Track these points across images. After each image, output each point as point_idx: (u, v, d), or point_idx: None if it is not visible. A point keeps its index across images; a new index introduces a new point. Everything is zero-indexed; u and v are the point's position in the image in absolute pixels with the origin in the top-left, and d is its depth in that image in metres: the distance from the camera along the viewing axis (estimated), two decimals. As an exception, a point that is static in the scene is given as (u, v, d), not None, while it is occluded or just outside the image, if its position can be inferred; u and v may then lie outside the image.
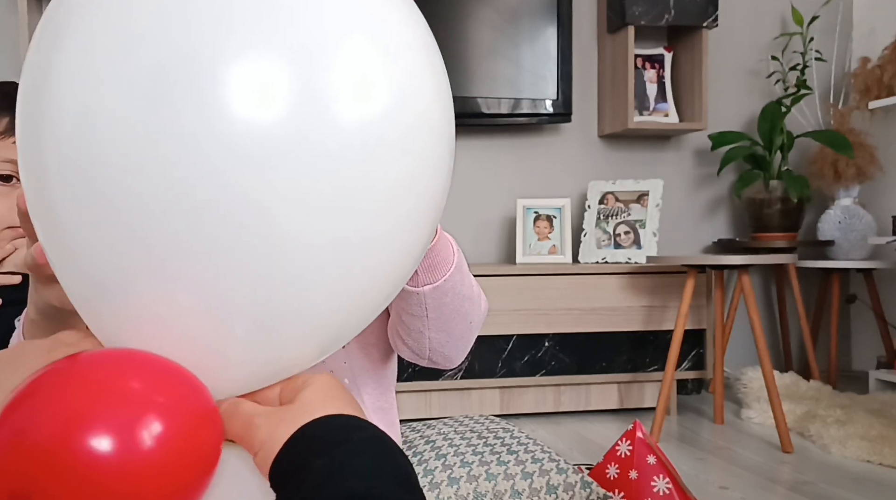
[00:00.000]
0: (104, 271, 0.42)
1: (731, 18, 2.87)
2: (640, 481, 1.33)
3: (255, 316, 0.43)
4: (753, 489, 1.68)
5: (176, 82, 0.39)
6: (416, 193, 0.47)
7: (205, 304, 0.42)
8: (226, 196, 0.40)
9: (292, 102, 0.40)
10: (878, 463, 1.85)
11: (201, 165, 0.39)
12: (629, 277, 2.37)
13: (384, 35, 0.45)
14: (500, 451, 1.28)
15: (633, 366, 2.38)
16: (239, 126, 0.39)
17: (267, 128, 0.40)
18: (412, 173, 0.46)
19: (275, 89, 0.40)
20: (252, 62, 0.40)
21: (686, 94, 2.74)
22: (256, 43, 0.40)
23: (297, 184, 0.40)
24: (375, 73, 0.43)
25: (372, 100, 0.43)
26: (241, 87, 0.39)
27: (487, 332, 2.27)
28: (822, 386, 2.51)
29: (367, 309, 0.49)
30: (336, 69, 0.42)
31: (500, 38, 2.59)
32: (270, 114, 0.40)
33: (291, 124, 0.40)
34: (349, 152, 0.42)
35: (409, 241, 0.48)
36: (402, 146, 0.44)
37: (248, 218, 0.40)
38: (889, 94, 2.67)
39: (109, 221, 0.41)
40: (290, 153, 0.40)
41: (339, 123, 0.41)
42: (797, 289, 2.66)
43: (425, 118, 0.46)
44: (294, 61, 0.41)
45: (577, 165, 2.82)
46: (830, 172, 2.74)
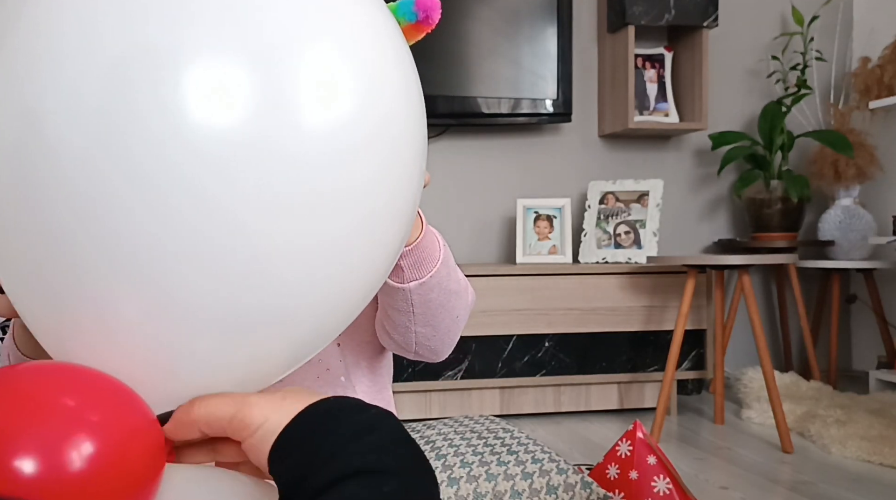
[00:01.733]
0: (54, 281, 0.40)
1: (731, 18, 2.87)
2: (641, 481, 1.33)
3: (220, 323, 0.41)
4: (754, 490, 1.68)
5: (134, 80, 0.37)
6: (386, 195, 0.46)
7: (165, 311, 0.40)
8: (186, 199, 0.38)
9: (254, 104, 0.39)
10: (879, 463, 1.85)
11: (160, 166, 0.38)
12: (629, 277, 2.37)
13: (348, 36, 0.44)
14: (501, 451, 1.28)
15: (634, 366, 2.38)
16: (199, 128, 0.38)
17: (228, 130, 0.38)
18: (380, 175, 0.45)
19: (236, 91, 0.39)
20: (213, 62, 0.39)
21: (686, 93, 2.74)
22: (217, 43, 0.39)
23: (261, 187, 0.39)
24: (339, 75, 0.42)
25: (336, 102, 0.42)
26: (202, 87, 0.38)
27: (487, 332, 2.27)
28: (823, 386, 2.51)
29: (341, 313, 0.48)
30: (299, 71, 0.41)
31: (500, 38, 2.59)
32: (232, 116, 0.38)
33: (254, 127, 0.39)
34: (313, 155, 0.40)
35: (381, 243, 0.47)
36: (369, 148, 0.43)
37: (210, 221, 0.38)
38: (889, 94, 2.67)
39: (59, 226, 0.38)
40: (252, 156, 0.39)
41: (303, 125, 0.40)
42: (797, 289, 2.66)
43: (392, 119, 0.45)
44: (256, 63, 0.39)
45: (578, 165, 2.82)
46: (830, 172, 2.74)
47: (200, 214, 0.38)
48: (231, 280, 0.40)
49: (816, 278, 2.93)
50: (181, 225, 0.38)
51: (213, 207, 0.39)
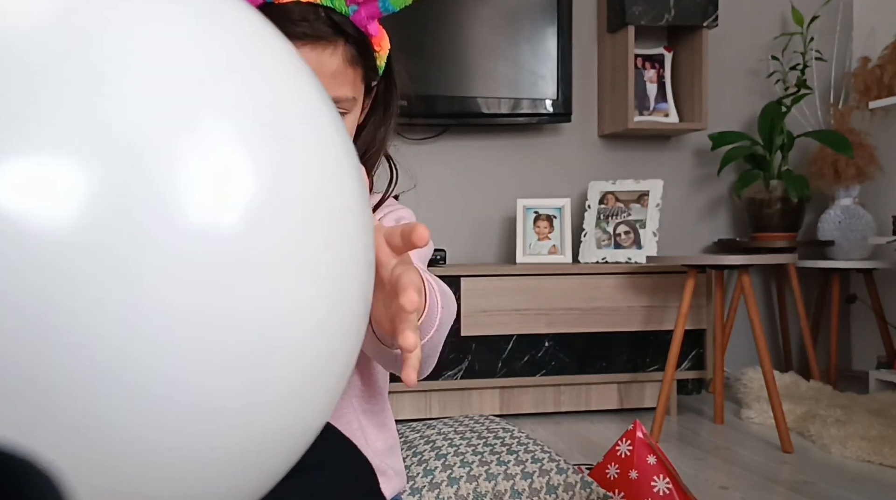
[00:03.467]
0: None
1: (731, 18, 2.87)
2: (640, 481, 1.33)
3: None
4: (753, 490, 1.68)
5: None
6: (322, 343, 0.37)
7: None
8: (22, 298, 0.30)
9: (94, 205, 0.31)
10: (879, 463, 1.85)
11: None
12: (629, 277, 2.37)
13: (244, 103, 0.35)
14: (500, 451, 1.28)
15: (633, 366, 2.38)
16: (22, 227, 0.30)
17: (57, 231, 0.30)
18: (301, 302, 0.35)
19: (69, 188, 0.31)
20: (39, 154, 0.31)
21: (686, 94, 2.74)
22: (47, 132, 0.31)
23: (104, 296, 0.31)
24: (230, 167, 0.34)
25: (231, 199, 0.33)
26: (21, 180, 0.30)
27: (487, 332, 2.27)
28: (823, 386, 2.52)
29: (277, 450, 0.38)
30: (164, 176, 0.32)
31: (500, 38, 2.59)
32: (59, 215, 0.31)
33: (89, 231, 0.31)
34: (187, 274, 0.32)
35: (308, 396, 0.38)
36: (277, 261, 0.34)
37: (56, 327, 0.31)
38: (889, 94, 2.67)
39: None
40: (94, 264, 0.31)
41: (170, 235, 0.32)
42: (797, 289, 2.67)
43: (317, 202, 0.36)
44: (107, 159, 0.32)
45: (577, 165, 2.82)
46: (830, 172, 2.74)
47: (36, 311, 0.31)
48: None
49: (816, 278, 2.93)
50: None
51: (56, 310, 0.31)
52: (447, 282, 2.23)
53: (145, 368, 0.32)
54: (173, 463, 0.33)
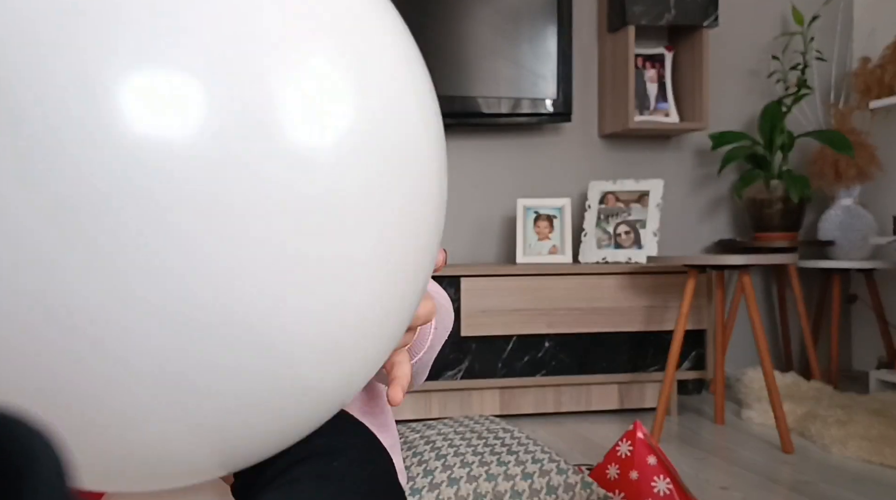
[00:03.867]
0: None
1: (731, 18, 2.86)
2: (641, 481, 1.33)
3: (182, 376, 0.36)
4: (754, 490, 1.67)
5: (88, 86, 0.33)
6: (399, 256, 0.38)
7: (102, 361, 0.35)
8: (131, 203, 0.33)
9: (221, 114, 0.34)
10: (879, 463, 1.85)
11: (104, 173, 0.33)
12: (630, 277, 2.37)
13: (344, 34, 0.37)
14: (501, 451, 1.28)
15: (634, 366, 2.38)
16: (144, 136, 0.33)
17: (174, 143, 0.34)
18: (394, 236, 0.38)
19: (190, 103, 0.34)
20: (160, 72, 0.34)
21: (686, 93, 2.74)
22: (178, 48, 0.34)
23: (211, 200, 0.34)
24: (337, 93, 0.36)
25: (331, 127, 0.36)
26: (144, 96, 0.34)
27: (487, 332, 2.27)
28: (823, 386, 2.51)
29: (357, 374, 0.40)
30: (286, 92, 0.35)
31: (500, 38, 2.58)
32: (181, 128, 0.34)
33: (223, 138, 0.34)
34: (299, 183, 0.35)
35: (395, 308, 0.39)
36: (372, 166, 0.36)
37: (160, 234, 0.34)
38: (890, 93, 2.67)
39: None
40: (219, 169, 0.34)
41: (282, 140, 0.35)
42: (798, 289, 2.66)
43: (408, 147, 0.38)
44: (225, 77, 0.34)
45: (578, 165, 2.82)
46: (831, 172, 2.74)
47: (147, 222, 0.34)
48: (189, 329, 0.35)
49: (817, 278, 2.93)
50: (133, 240, 0.34)
51: (161, 217, 0.34)
52: (447, 282, 2.23)
53: (235, 269, 0.35)
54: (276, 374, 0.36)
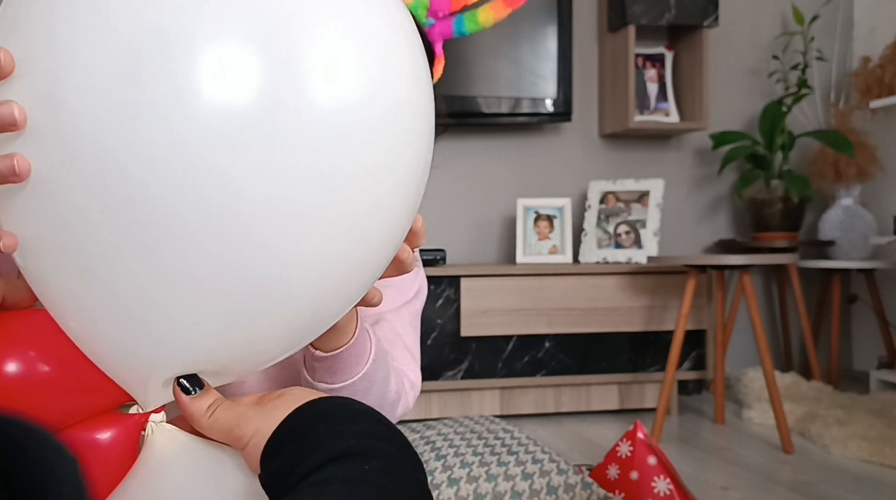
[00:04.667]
0: (71, 261, 0.42)
1: (731, 18, 2.86)
2: (641, 481, 1.33)
3: (228, 296, 0.43)
4: (754, 490, 1.67)
5: (146, 64, 0.39)
6: (392, 182, 0.46)
7: (171, 287, 0.42)
8: (198, 176, 0.39)
9: (262, 84, 0.40)
10: (879, 463, 1.85)
11: (173, 147, 0.39)
12: (630, 277, 2.37)
13: (358, 18, 0.44)
14: (501, 452, 1.28)
15: (634, 366, 2.38)
16: (210, 108, 0.39)
17: (237, 109, 0.39)
18: (388, 161, 0.45)
19: (244, 72, 0.40)
20: (222, 45, 0.40)
21: (687, 93, 2.73)
22: (227, 25, 0.40)
23: (268, 163, 0.40)
24: (347, 56, 0.43)
25: (345, 84, 0.42)
26: (211, 70, 0.39)
27: (487, 332, 2.27)
28: (823, 386, 2.51)
29: (342, 296, 0.49)
30: (308, 53, 0.41)
31: (500, 37, 2.58)
32: (240, 96, 0.40)
33: (261, 106, 0.40)
34: (320, 134, 0.41)
35: (384, 230, 0.48)
36: (378, 132, 0.44)
37: (219, 196, 0.40)
38: (890, 93, 2.66)
39: (75, 210, 0.40)
40: (260, 133, 0.40)
41: (310, 104, 0.41)
42: (798, 289, 2.66)
43: (401, 106, 0.46)
44: (264, 44, 0.40)
45: (578, 165, 2.81)
46: (831, 172, 2.74)
47: (210, 189, 0.40)
48: (233, 246, 0.41)
49: (817, 278, 2.93)
50: (193, 203, 0.40)
51: (223, 182, 0.40)
52: (447, 282, 2.23)
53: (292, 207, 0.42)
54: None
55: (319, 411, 0.43)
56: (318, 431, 0.41)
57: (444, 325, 2.24)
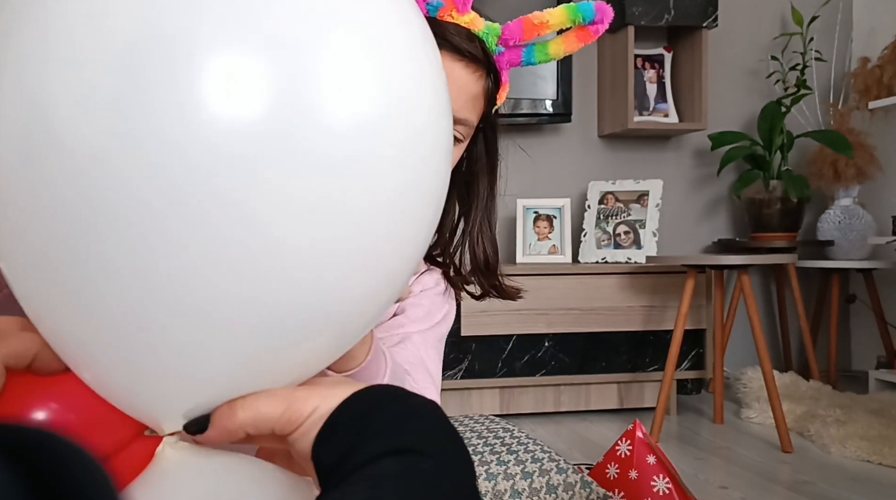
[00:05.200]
0: (66, 279, 0.39)
1: (731, 18, 2.87)
2: (640, 480, 1.33)
3: (236, 324, 0.40)
4: (753, 489, 1.68)
5: (147, 71, 0.36)
6: (412, 206, 0.44)
7: (178, 311, 0.39)
8: (203, 194, 0.36)
9: (272, 97, 0.37)
10: (878, 463, 1.86)
11: (176, 162, 0.36)
12: (629, 277, 2.37)
13: (380, 35, 0.42)
14: (500, 451, 1.29)
15: (633, 366, 2.38)
16: (215, 122, 0.36)
17: (245, 124, 0.36)
18: (409, 184, 0.43)
19: (253, 83, 0.37)
20: (229, 53, 0.37)
21: (686, 94, 2.74)
22: (234, 32, 0.37)
23: (280, 183, 0.38)
24: (367, 75, 0.40)
25: (364, 103, 0.40)
26: (218, 79, 0.36)
27: (487, 332, 2.27)
28: (822, 386, 2.52)
29: (362, 319, 0.46)
30: (321, 64, 0.39)
31: (500, 38, 2.58)
32: (249, 109, 0.36)
33: (272, 121, 0.37)
34: (336, 154, 0.39)
35: (403, 254, 0.46)
36: (398, 154, 0.42)
37: (227, 216, 0.37)
38: (889, 94, 2.67)
39: (72, 221, 0.37)
40: (270, 151, 0.37)
41: (324, 121, 0.39)
42: (797, 289, 2.67)
43: (423, 128, 0.44)
44: (275, 54, 0.38)
45: (577, 165, 2.82)
46: (830, 172, 2.74)
47: (217, 209, 0.37)
48: (247, 278, 0.39)
49: (816, 278, 2.93)
50: (198, 221, 0.37)
51: (230, 203, 0.37)
52: (447, 282, 2.23)
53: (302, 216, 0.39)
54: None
55: (382, 400, 0.42)
56: (380, 420, 0.40)
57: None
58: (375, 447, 0.39)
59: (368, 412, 0.41)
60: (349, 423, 0.41)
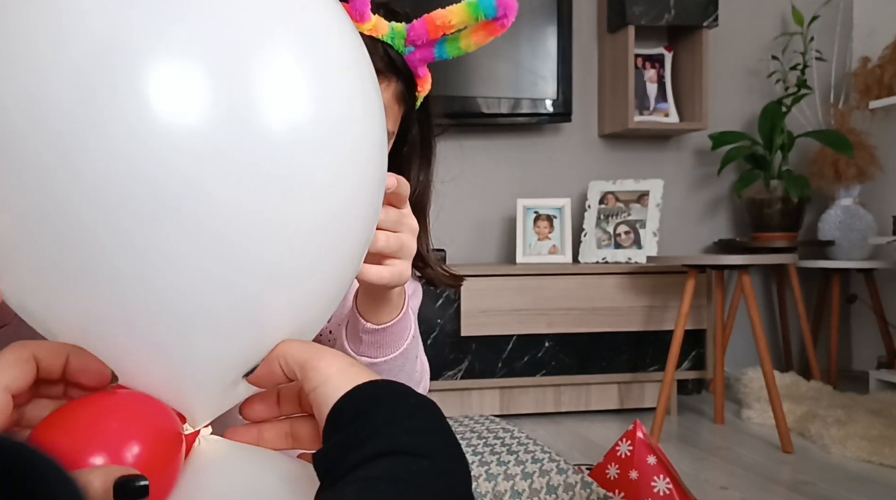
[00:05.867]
0: (33, 285, 0.42)
1: (731, 18, 2.86)
2: (641, 481, 1.33)
3: (205, 303, 0.43)
4: (754, 490, 1.67)
5: (97, 79, 0.38)
6: (346, 195, 0.47)
7: (168, 290, 0.42)
8: (149, 199, 0.39)
9: (212, 106, 0.40)
10: (879, 463, 1.85)
11: (122, 167, 0.38)
12: (629, 277, 2.37)
13: (303, 38, 0.45)
14: (500, 451, 1.28)
15: (634, 366, 2.38)
16: (157, 128, 0.38)
17: (185, 132, 0.39)
18: (338, 176, 0.46)
19: (194, 93, 0.39)
20: (171, 64, 0.39)
21: (686, 93, 2.74)
22: (177, 44, 0.40)
23: (221, 186, 0.40)
24: (296, 76, 0.43)
25: (294, 103, 0.43)
26: (160, 89, 0.39)
27: (487, 332, 2.27)
28: (823, 386, 2.51)
29: (324, 296, 0.50)
30: (256, 73, 0.41)
31: (500, 38, 2.57)
32: (189, 117, 0.39)
33: (211, 128, 0.40)
34: (271, 157, 0.41)
35: (343, 246, 0.49)
36: (326, 150, 0.44)
37: (172, 219, 0.39)
38: (889, 93, 2.67)
39: (32, 225, 0.40)
40: (210, 157, 0.40)
41: (260, 127, 0.41)
42: (797, 289, 2.66)
43: (347, 121, 0.46)
44: (215, 64, 0.40)
45: (578, 165, 2.82)
46: (831, 172, 2.74)
47: (161, 213, 0.39)
48: (212, 257, 0.41)
49: (816, 278, 2.93)
50: (148, 225, 0.39)
51: (175, 208, 0.39)
52: (447, 282, 2.24)
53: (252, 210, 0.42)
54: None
55: (382, 396, 0.44)
56: (378, 417, 0.41)
57: (444, 325, 2.24)
58: (371, 447, 0.40)
59: (365, 411, 0.42)
60: (346, 422, 0.42)
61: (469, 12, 0.69)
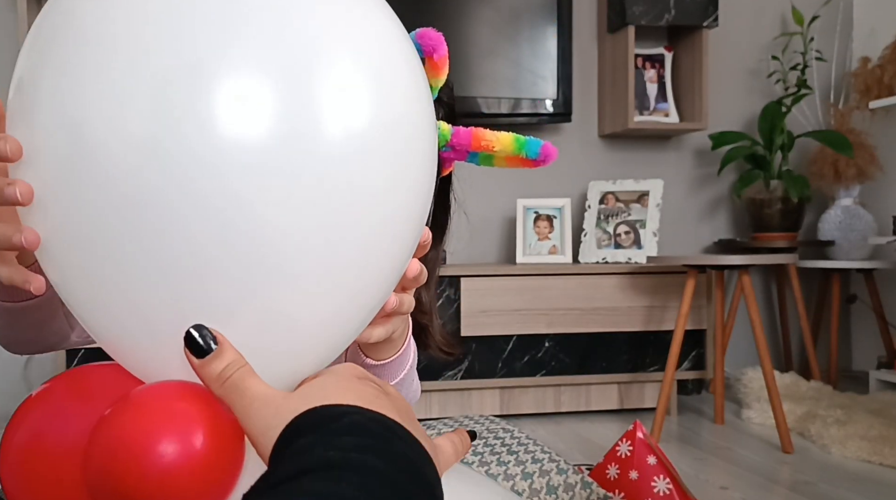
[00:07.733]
0: (106, 290, 0.43)
1: (731, 18, 2.86)
2: (641, 481, 1.33)
3: (249, 322, 0.44)
4: (754, 490, 1.68)
5: (176, 94, 0.40)
6: (401, 194, 0.48)
7: (205, 312, 0.43)
8: (225, 203, 0.41)
9: (280, 114, 0.42)
10: (879, 463, 1.85)
11: (203, 175, 0.40)
12: (629, 277, 2.37)
13: (363, 47, 0.46)
14: (500, 451, 1.28)
15: (634, 366, 2.38)
16: (232, 137, 0.41)
17: (258, 138, 0.41)
18: (395, 174, 0.47)
19: (265, 102, 0.42)
20: (246, 77, 0.41)
21: (686, 93, 2.74)
22: (251, 59, 0.42)
23: (287, 189, 0.42)
24: (355, 84, 0.45)
25: (355, 112, 0.44)
26: (235, 100, 0.41)
27: (487, 332, 2.27)
28: (823, 386, 2.51)
29: (358, 315, 0.50)
30: (320, 82, 0.43)
31: (500, 38, 2.58)
32: (261, 125, 0.41)
33: (280, 134, 0.42)
34: (333, 157, 0.43)
35: (397, 242, 0.50)
36: (382, 149, 0.46)
37: (245, 222, 0.41)
38: (889, 93, 2.67)
39: (109, 235, 0.42)
40: (279, 161, 0.42)
41: (324, 134, 0.43)
42: (797, 289, 2.66)
43: (405, 121, 0.48)
44: (283, 76, 0.42)
45: (577, 165, 2.82)
46: (831, 172, 2.74)
47: (237, 216, 0.41)
48: (258, 279, 0.43)
49: (816, 278, 2.93)
50: (221, 228, 0.41)
51: (248, 210, 0.41)
52: (447, 282, 2.23)
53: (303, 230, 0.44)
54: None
55: (320, 419, 0.42)
56: (309, 440, 0.40)
57: (444, 325, 2.24)
58: (297, 463, 0.39)
59: (304, 435, 0.41)
60: (286, 443, 0.41)
61: (514, 146, 0.73)
